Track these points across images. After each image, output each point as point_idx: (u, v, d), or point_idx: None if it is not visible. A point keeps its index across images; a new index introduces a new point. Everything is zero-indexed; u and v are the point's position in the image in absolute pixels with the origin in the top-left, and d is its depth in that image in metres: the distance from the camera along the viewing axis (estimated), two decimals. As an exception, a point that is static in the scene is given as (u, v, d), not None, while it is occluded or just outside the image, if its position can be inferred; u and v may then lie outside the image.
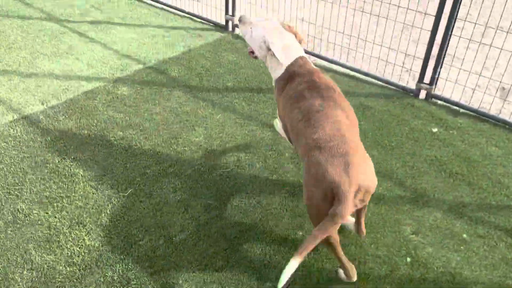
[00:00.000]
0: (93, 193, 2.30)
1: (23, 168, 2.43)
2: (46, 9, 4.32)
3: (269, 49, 2.11)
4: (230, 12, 4.03)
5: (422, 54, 3.19)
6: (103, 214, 2.18)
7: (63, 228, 2.10)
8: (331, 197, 1.65)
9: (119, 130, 2.77)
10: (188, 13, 4.36)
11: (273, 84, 2.20)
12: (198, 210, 2.24)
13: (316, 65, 2.28)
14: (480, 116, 3.00)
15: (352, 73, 3.50)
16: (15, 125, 2.75)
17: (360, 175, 1.67)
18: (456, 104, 3.08)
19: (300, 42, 2.22)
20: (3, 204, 2.21)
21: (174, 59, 3.60)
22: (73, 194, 2.29)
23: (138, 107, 2.99)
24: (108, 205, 2.24)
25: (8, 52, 3.54)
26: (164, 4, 4.53)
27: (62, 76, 3.28)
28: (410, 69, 3.43)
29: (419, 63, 3.28)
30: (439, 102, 3.16)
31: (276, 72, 2.13)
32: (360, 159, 1.71)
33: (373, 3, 3.55)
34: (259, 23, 2.19)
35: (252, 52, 2.29)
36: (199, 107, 3.02)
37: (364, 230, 2.07)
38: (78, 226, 2.12)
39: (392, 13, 3.58)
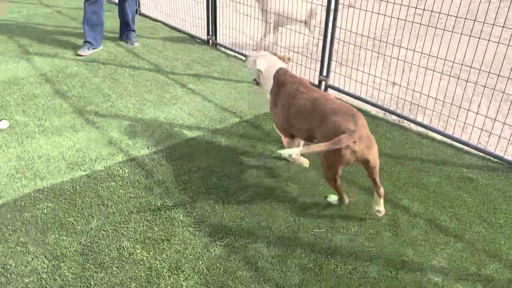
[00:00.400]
0: (191, 239, 2.37)
1: (129, 208, 2.58)
2: (154, 61, 4.74)
3: (259, 70, 2.87)
4: (324, 73, 4.14)
5: (531, 128, 3.02)
6: (200, 262, 2.23)
7: (163, 271, 2.17)
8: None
9: (216, 178, 2.87)
10: (282, 71, 4.54)
11: (267, 96, 2.89)
12: (293, 269, 2.21)
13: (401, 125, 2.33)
14: None
15: (449, 141, 3.38)
16: (124, 166, 2.96)
17: (365, 128, 2.33)
18: None
19: (284, 61, 2.97)
20: (110, 240, 2.34)
21: (268, 114, 3.72)
22: (173, 238, 2.38)
23: (235, 158, 3.10)
24: (205, 253, 2.28)
25: (120, 98, 3.89)
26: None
27: (166, 123, 3.52)
28: (517, 143, 3.24)
29: (527, 137, 3.11)
30: (552, 180, 2.93)
31: (268, 85, 2.86)
32: (363, 119, 2.36)
33: (479, 74, 3.47)
34: (254, 54, 3.01)
35: (255, 80, 3.02)
36: (292, 163, 3.06)
37: (381, 189, 2.47)
38: (177, 271, 2.17)
39: (499, 84, 3.46)
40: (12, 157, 3.00)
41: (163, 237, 2.38)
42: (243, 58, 4.93)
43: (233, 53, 5.07)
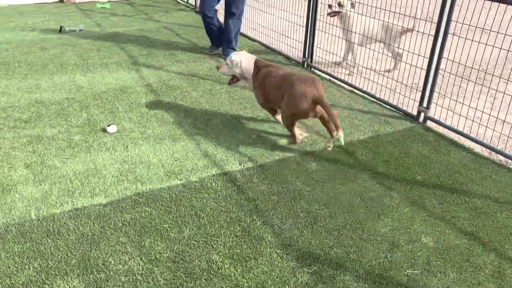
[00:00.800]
0: (278, 262, 2.36)
1: (220, 221, 2.64)
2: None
3: (238, 65, 3.71)
4: (424, 104, 3.95)
5: None
6: (287, 286, 2.20)
7: (249, 289, 2.17)
8: (312, 101, 3.18)
9: (305, 202, 2.84)
10: (378, 98, 4.42)
11: (252, 81, 3.69)
12: (383, 309, 2.09)
13: None
14: None
15: None
16: (217, 179, 3.04)
17: (321, 90, 3.23)
18: None
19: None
20: (201, 251, 2.40)
21: (361, 142, 3.63)
22: (260, 257, 2.38)
23: (324, 184, 3.05)
24: (291, 278, 2.25)
25: (217, 113, 4.04)
26: (354, 87, 4.70)
27: (259, 142, 3.57)
28: None
29: None
30: None
31: (250, 71, 3.68)
32: (319, 83, 3.25)
33: None
34: (233, 56, 3.76)
35: (232, 80, 3.86)
36: (385, 195, 2.93)
37: (334, 127, 3.22)
38: (263, 292, 2.16)
39: None
40: (118, 159, 3.23)
41: (250, 255, 2.39)
42: (337, 82, 4.89)
43: (327, 77, 5.05)
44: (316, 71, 5.22)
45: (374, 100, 4.45)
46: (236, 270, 2.29)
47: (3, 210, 2.64)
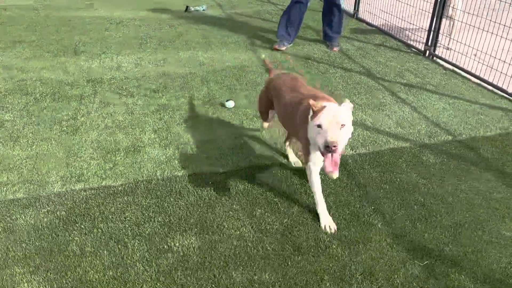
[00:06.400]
0: (388, 250, 2.30)
1: (328, 203, 2.63)
2: (366, 65, 4.74)
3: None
4: None
5: None
6: (395, 275, 2.14)
7: (356, 273, 2.16)
8: None
9: (419, 195, 2.72)
10: (510, 94, 4.01)
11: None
12: (502, 316, 1.94)
13: None
14: None
15: None
16: (328, 162, 3.04)
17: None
18: None
19: None
20: (309, 228, 2.44)
21: (487, 139, 3.34)
22: (369, 243, 2.34)
23: (442, 178, 2.87)
24: (401, 268, 2.18)
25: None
26: (482, 80, 4.31)
27: (371, 128, 3.48)
28: None
29: None
30: None
31: None
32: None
33: None
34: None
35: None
36: (513, 199, 2.68)
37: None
38: (370, 278, 2.13)
39: None
40: (235, 133, 3.38)
41: (359, 240, 2.36)
42: (463, 73, 4.53)
43: (451, 67, 4.71)
44: (439, 61, 4.89)
45: (506, 95, 4.05)
46: (344, 252, 2.28)
47: (134, 168, 2.95)
